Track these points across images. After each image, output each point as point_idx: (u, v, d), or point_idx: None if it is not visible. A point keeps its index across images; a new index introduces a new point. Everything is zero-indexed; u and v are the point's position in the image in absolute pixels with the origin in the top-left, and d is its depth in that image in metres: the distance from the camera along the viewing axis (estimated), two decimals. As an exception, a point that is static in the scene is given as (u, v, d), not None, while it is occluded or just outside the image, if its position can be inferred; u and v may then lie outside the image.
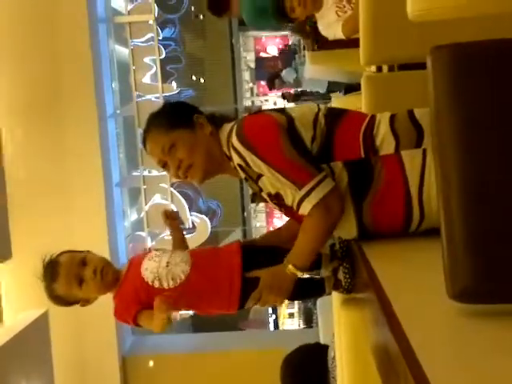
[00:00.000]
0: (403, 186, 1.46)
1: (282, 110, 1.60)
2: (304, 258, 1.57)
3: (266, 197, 1.64)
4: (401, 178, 1.46)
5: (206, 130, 1.67)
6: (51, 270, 1.75)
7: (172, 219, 1.90)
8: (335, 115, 1.58)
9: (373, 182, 1.48)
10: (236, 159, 1.56)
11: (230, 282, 1.67)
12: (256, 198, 1.55)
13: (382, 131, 1.50)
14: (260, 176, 1.56)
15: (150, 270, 1.71)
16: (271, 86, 8.34)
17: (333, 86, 6.05)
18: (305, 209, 1.49)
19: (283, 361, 2.50)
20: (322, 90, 6.38)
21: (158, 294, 1.66)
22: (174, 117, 1.70)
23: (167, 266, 1.70)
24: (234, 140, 1.55)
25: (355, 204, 1.50)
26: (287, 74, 7.76)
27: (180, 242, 1.90)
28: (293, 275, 1.57)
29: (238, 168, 1.60)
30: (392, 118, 1.53)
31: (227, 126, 1.66)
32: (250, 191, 1.76)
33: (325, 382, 2.33)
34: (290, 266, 1.56)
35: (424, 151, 1.45)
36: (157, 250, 1.81)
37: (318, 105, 1.63)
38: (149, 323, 1.67)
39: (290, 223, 1.82)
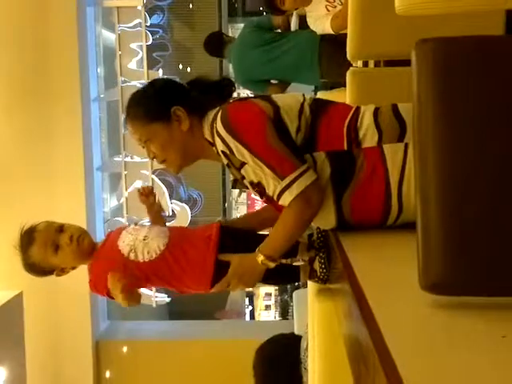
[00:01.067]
0: (383, 179, 1.48)
1: (268, 99, 1.59)
2: (277, 249, 1.58)
3: (247, 184, 1.64)
4: (382, 171, 1.48)
5: (183, 126, 1.64)
6: (28, 236, 1.76)
7: (146, 195, 1.90)
8: (320, 106, 1.58)
9: (354, 174, 1.49)
10: (220, 145, 1.56)
11: (204, 263, 1.68)
12: (237, 184, 1.56)
13: (366, 124, 1.51)
14: (243, 164, 1.56)
15: (126, 242, 1.72)
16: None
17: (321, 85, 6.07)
18: (285, 200, 1.49)
19: (256, 350, 2.52)
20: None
21: (133, 267, 1.67)
22: (152, 107, 1.66)
23: (144, 239, 1.71)
24: (219, 126, 1.54)
25: (335, 194, 1.51)
26: None
27: (158, 221, 1.90)
28: (263, 265, 1.58)
29: (221, 154, 1.59)
30: (376, 111, 1.53)
31: (211, 114, 1.64)
32: (231, 177, 1.77)
33: (296, 372, 2.35)
34: (262, 257, 1.57)
35: (406, 145, 1.46)
36: (136, 224, 1.82)
37: (304, 94, 1.63)
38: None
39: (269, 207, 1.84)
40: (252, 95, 1.71)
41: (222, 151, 1.57)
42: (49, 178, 5.69)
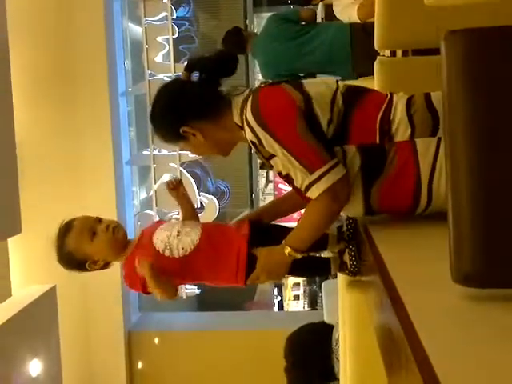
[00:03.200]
0: (414, 174, 1.46)
1: (300, 87, 1.54)
2: (303, 241, 1.58)
3: (276, 174, 1.66)
4: (412, 166, 1.46)
5: (198, 137, 1.64)
6: (66, 226, 1.80)
7: (174, 188, 1.91)
8: (353, 95, 1.55)
9: (384, 168, 1.48)
10: (249, 135, 1.55)
11: (237, 258, 1.70)
12: (265, 165, 1.58)
13: (399, 117, 1.48)
14: (272, 156, 1.55)
15: (160, 239, 1.74)
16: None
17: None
18: (313, 193, 1.49)
19: (287, 339, 2.52)
20: None
21: (168, 263, 1.70)
22: (165, 134, 1.70)
23: (178, 235, 1.73)
24: (249, 115, 1.52)
25: (364, 187, 1.50)
26: None
27: (188, 212, 1.92)
28: (290, 257, 1.59)
29: (249, 143, 1.59)
30: (409, 103, 1.50)
31: (239, 98, 1.61)
32: (259, 161, 1.77)
33: (328, 361, 2.35)
34: (289, 249, 1.57)
35: (438, 140, 1.44)
36: (169, 220, 1.84)
37: (337, 81, 1.60)
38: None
39: (287, 196, 1.87)
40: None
41: (251, 141, 1.56)
42: (79, 173, 5.77)
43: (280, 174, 1.61)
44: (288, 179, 1.60)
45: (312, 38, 3.50)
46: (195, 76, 1.65)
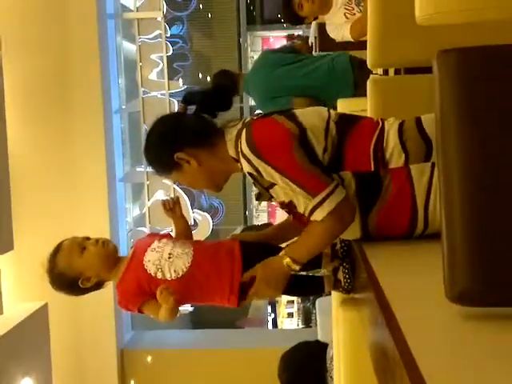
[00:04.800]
0: (410, 199, 1.48)
1: (293, 118, 1.54)
2: (303, 255, 1.58)
3: (277, 204, 1.65)
4: (408, 192, 1.48)
5: (192, 164, 1.63)
6: (56, 247, 1.81)
7: (171, 209, 1.91)
8: (346, 123, 1.56)
9: (380, 195, 1.49)
10: (246, 167, 1.54)
11: (231, 282, 1.69)
12: (261, 197, 1.55)
13: (392, 144, 1.50)
14: (272, 185, 1.55)
15: (152, 261, 1.73)
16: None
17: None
18: (317, 216, 1.48)
19: (281, 357, 2.50)
20: None
21: (160, 285, 1.68)
22: (159, 165, 1.70)
23: (169, 257, 1.72)
24: (244, 147, 1.52)
25: (361, 213, 1.51)
26: None
27: (183, 231, 1.91)
28: (289, 268, 1.58)
29: (247, 175, 1.59)
30: (400, 129, 1.52)
31: (233, 130, 1.61)
32: (255, 191, 1.74)
33: (322, 380, 2.34)
34: (288, 259, 1.56)
35: (433, 165, 1.45)
36: (160, 239, 1.81)
37: (328, 110, 1.61)
38: (155, 313, 1.71)
39: (285, 223, 1.84)
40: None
41: (249, 173, 1.56)
42: (72, 190, 5.76)
43: (282, 204, 1.61)
44: (290, 207, 1.59)
45: (308, 63, 3.49)
46: (191, 109, 1.68)
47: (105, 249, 1.78)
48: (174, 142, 1.64)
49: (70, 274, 1.78)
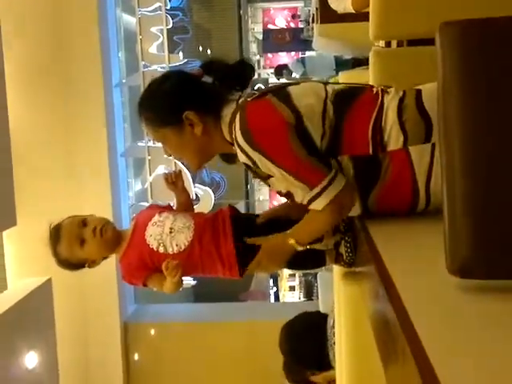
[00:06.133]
0: (410, 181, 1.45)
1: (289, 102, 1.47)
2: (306, 238, 1.58)
3: (276, 192, 1.63)
4: (408, 174, 1.45)
5: (196, 130, 1.54)
6: (54, 234, 1.79)
7: (173, 182, 1.90)
8: (343, 102, 1.49)
9: (379, 179, 1.46)
10: (243, 158, 1.51)
11: (226, 248, 1.70)
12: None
13: (390, 123, 1.45)
14: (270, 176, 1.52)
15: (153, 236, 1.73)
16: (279, 77, 8.30)
17: (340, 67, 6.05)
18: (316, 206, 1.46)
19: (282, 328, 2.53)
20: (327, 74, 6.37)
21: (163, 259, 1.70)
22: (163, 112, 1.56)
23: (171, 232, 1.72)
24: (240, 139, 1.47)
25: (361, 196, 1.49)
26: (295, 67, 7.72)
27: (184, 204, 1.91)
28: (292, 247, 1.59)
29: (243, 165, 1.56)
30: (400, 107, 1.46)
31: (228, 111, 1.55)
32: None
33: (323, 348, 2.36)
34: (293, 240, 1.57)
35: (433, 146, 1.42)
36: (160, 212, 1.81)
37: (325, 86, 1.53)
38: (159, 286, 1.72)
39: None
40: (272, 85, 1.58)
41: (245, 163, 1.53)
42: (73, 166, 5.76)
43: (280, 193, 1.60)
44: (288, 196, 1.57)
45: None
46: (208, 79, 1.60)
47: (104, 238, 1.76)
48: (188, 99, 1.55)
49: (74, 261, 1.81)
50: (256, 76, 11.95)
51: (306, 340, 2.44)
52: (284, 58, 11.56)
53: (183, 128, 1.55)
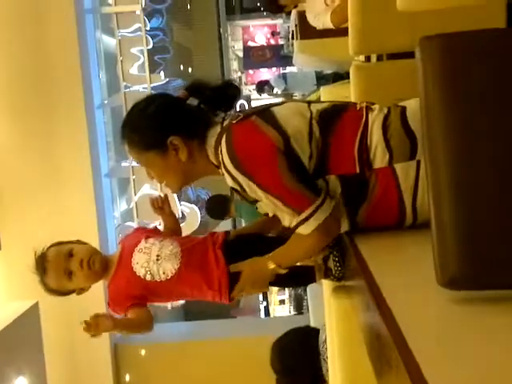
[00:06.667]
0: (397, 200, 1.45)
1: (275, 123, 1.46)
2: (289, 262, 1.59)
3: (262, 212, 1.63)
4: (394, 191, 1.45)
5: (181, 155, 1.53)
6: (41, 264, 1.77)
7: (160, 207, 1.89)
8: (328, 121, 1.48)
9: (367, 196, 1.46)
10: (230, 183, 1.50)
11: (219, 274, 1.70)
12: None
13: (375, 141, 1.45)
14: (256, 200, 1.52)
15: (140, 264, 1.72)
16: (260, 93, 8.33)
17: (321, 82, 6.10)
18: (302, 231, 1.46)
19: (273, 345, 2.51)
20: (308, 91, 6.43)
21: (151, 287, 1.71)
22: (147, 136, 1.54)
23: (157, 259, 1.71)
24: (228, 163, 1.46)
25: (348, 213, 1.49)
26: (276, 82, 7.77)
27: (172, 228, 1.90)
28: (274, 271, 1.59)
29: (231, 188, 1.55)
30: (385, 125, 1.46)
31: (213, 135, 1.53)
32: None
33: (315, 363, 2.36)
34: (274, 265, 1.57)
35: (418, 163, 1.42)
36: (146, 237, 1.80)
37: (309, 106, 1.53)
38: (136, 320, 1.74)
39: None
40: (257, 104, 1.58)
41: (233, 188, 1.52)
42: (58, 187, 5.72)
43: (267, 215, 1.60)
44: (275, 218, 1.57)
45: None
46: (193, 100, 1.58)
47: (91, 270, 1.75)
48: (173, 123, 1.54)
49: (63, 291, 1.81)
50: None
51: (298, 357, 2.42)
52: (265, 73, 11.62)
53: (167, 152, 1.54)
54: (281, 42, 10.93)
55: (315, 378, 2.40)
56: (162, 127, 1.54)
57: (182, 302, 6.39)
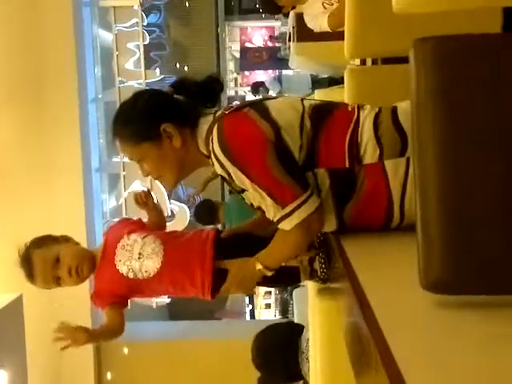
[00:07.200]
0: (385, 195, 1.46)
1: (267, 115, 1.47)
2: (275, 262, 1.59)
3: (248, 204, 1.62)
4: (383, 187, 1.45)
5: (175, 142, 1.54)
6: (27, 267, 1.77)
7: (143, 202, 1.88)
8: (320, 116, 1.50)
9: (355, 191, 1.46)
10: (219, 170, 1.50)
11: (202, 273, 1.69)
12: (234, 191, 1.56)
13: (366, 138, 1.46)
14: (243, 190, 1.52)
15: (123, 261, 1.73)
16: (255, 94, 8.36)
17: (316, 85, 6.12)
18: (285, 226, 1.46)
19: (254, 340, 2.52)
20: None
21: (133, 284, 1.72)
22: (139, 127, 1.55)
23: (139, 258, 1.70)
24: (217, 150, 1.47)
25: (336, 208, 1.48)
26: (271, 84, 7.79)
27: (156, 221, 1.89)
28: (261, 272, 1.58)
29: (219, 176, 1.56)
30: (376, 122, 1.48)
31: (205, 124, 1.55)
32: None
33: (293, 359, 2.35)
34: (261, 266, 1.57)
35: (407, 160, 1.43)
36: (129, 232, 1.79)
37: (302, 101, 1.55)
38: (108, 321, 1.78)
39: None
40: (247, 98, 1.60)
41: (221, 175, 1.53)
42: (47, 180, 5.69)
43: (252, 205, 1.59)
44: (260, 210, 1.58)
45: None
46: (178, 97, 1.60)
47: (81, 276, 1.77)
48: (163, 112, 1.55)
49: (52, 288, 1.82)
50: (233, 93, 12.01)
51: (276, 350, 2.43)
52: (261, 75, 11.63)
53: (161, 141, 1.54)
54: (278, 44, 10.95)
55: (292, 373, 2.39)
56: (154, 117, 1.55)
57: (166, 301, 6.37)
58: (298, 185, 1.43)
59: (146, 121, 1.55)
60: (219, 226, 4.69)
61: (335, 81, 5.09)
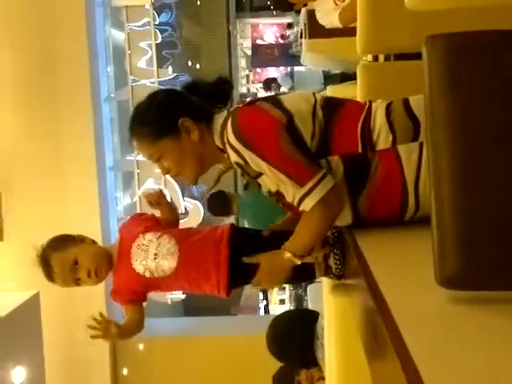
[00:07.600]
0: (400, 180, 1.46)
1: (279, 105, 1.51)
2: (302, 247, 1.58)
3: (265, 194, 1.63)
4: (398, 173, 1.46)
5: (193, 135, 1.57)
6: (46, 270, 1.79)
7: (156, 202, 1.89)
8: (332, 106, 1.53)
9: (369, 178, 1.47)
10: (233, 157, 1.52)
11: (217, 274, 1.71)
12: (249, 186, 1.55)
13: (379, 124, 1.48)
14: (260, 174, 1.54)
15: (139, 261, 1.76)
16: (267, 90, 8.35)
17: (328, 81, 6.11)
18: (305, 206, 1.47)
19: (269, 325, 2.54)
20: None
21: (150, 283, 1.77)
22: (157, 124, 1.58)
23: (155, 258, 1.73)
24: (231, 137, 1.49)
25: (351, 197, 1.49)
26: (283, 80, 7.80)
27: (169, 218, 1.91)
28: (290, 262, 1.58)
29: (234, 165, 1.56)
30: (388, 109, 1.50)
31: (219, 118, 1.58)
32: (244, 180, 1.73)
33: (310, 345, 2.36)
34: (289, 255, 1.56)
35: (421, 145, 1.44)
36: (144, 232, 1.80)
37: (314, 94, 1.58)
38: (128, 317, 1.79)
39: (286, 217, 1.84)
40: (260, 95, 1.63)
41: (236, 162, 1.53)
42: (62, 179, 5.73)
43: (270, 193, 1.60)
44: (278, 197, 1.58)
45: None
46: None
47: (100, 277, 1.79)
48: (179, 108, 1.58)
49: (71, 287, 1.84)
50: (245, 90, 12.01)
51: (291, 333, 2.45)
52: (273, 72, 11.62)
53: (180, 136, 1.57)
54: (289, 39, 10.93)
55: (307, 358, 2.41)
56: (171, 113, 1.58)
57: (182, 297, 6.40)
58: (313, 164, 1.46)
59: (163, 117, 1.58)
60: (232, 218, 4.68)
61: (348, 76, 5.07)
